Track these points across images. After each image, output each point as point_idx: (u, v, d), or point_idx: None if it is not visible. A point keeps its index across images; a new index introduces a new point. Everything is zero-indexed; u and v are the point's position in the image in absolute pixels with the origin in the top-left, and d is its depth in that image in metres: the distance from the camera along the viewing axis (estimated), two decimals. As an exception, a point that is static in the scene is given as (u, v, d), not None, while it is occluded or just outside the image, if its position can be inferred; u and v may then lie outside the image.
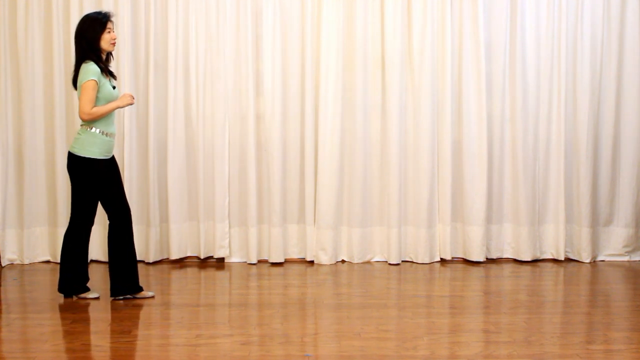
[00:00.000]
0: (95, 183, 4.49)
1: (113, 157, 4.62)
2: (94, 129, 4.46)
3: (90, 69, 4.40)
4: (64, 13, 5.63)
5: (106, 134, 4.50)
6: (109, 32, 4.50)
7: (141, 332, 4.04)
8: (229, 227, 5.77)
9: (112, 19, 4.55)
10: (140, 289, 4.68)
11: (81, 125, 4.51)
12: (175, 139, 5.68)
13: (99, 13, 4.54)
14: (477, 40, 5.67)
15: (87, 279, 4.67)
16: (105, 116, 4.48)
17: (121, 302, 4.58)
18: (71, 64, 5.58)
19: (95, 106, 4.42)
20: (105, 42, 4.49)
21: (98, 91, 4.43)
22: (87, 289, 4.65)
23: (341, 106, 5.69)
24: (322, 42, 5.67)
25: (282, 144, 5.71)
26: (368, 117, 5.75)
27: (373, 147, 5.78)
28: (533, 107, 5.77)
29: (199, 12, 5.66)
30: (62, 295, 4.66)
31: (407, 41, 5.72)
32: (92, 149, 4.45)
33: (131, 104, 4.63)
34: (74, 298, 4.63)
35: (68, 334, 3.99)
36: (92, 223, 4.61)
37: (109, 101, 4.49)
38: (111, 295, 4.62)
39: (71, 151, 4.49)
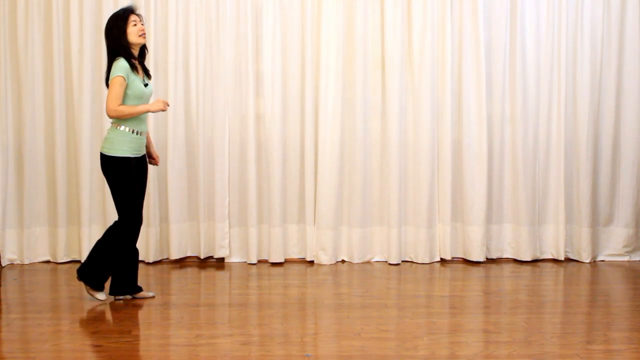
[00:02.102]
0: (128, 180, 4.42)
1: (144, 157, 4.57)
2: (123, 127, 4.39)
3: (119, 66, 4.35)
4: (64, 13, 5.63)
5: (136, 132, 4.43)
6: (135, 24, 4.42)
7: (141, 332, 4.04)
8: (229, 227, 5.77)
9: (137, 12, 4.49)
10: (140, 289, 4.68)
11: (111, 123, 4.46)
12: (175, 139, 5.68)
13: (120, 9, 4.50)
14: (477, 40, 5.67)
15: (107, 279, 4.55)
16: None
17: (121, 302, 4.58)
18: (71, 64, 5.63)
19: (123, 104, 4.36)
20: (132, 36, 4.41)
21: (127, 88, 4.36)
22: (102, 288, 4.55)
23: (341, 106, 5.69)
24: (322, 42, 5.67)
25: (282, 144, 5.71)
26: (368, 117, 5.75)
27: (373, 147, 5.78)
28: (533, 107, 5.77)
29: (199, 12, 5.66)
30: (78, 279, 4.54)
31: (407, 41, 5.72)
32: (122, 147, 4.39)
33: (163, 110, 4.49)
34: (86, 292, 4.57)
35: (68, 334, 3.99)
36: (141, 222, 4.53)
37: (139, 98, 4.41)
38: (110, 294, 4.61)
39: (102, 152, 4.42)
